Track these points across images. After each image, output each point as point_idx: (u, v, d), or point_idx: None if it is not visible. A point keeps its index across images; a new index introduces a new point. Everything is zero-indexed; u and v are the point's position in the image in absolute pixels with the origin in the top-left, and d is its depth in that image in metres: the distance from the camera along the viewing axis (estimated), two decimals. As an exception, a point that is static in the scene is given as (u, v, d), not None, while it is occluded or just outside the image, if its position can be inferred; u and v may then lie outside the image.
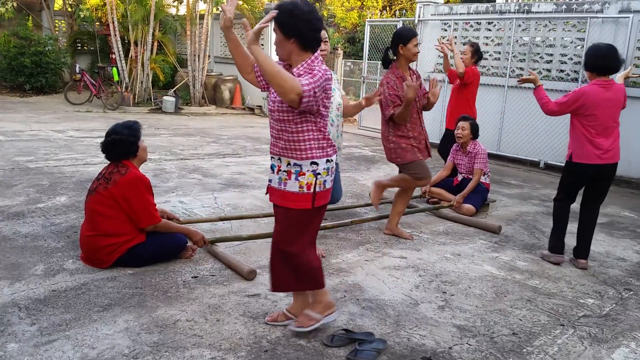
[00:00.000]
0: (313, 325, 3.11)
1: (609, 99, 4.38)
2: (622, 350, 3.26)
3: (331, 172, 3.03)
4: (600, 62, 4.41)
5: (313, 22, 2.87)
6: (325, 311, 3.16)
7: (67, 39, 17.42)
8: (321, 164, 2.95)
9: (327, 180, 3.01)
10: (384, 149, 4.96)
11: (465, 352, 3.09)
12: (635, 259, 4.93)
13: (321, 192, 2.98)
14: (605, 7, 8.43)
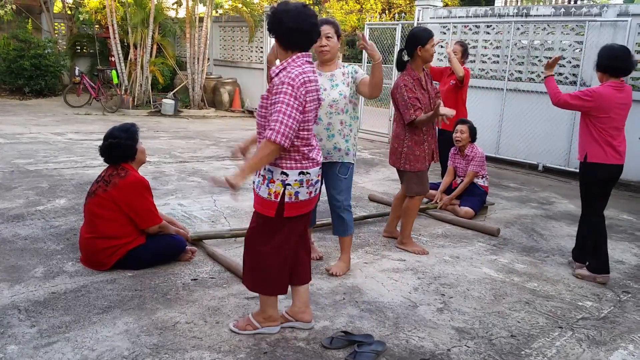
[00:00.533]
0: (249, 331, 3.16)
1: (622, 102, 4.31)
2: (620, 352, 3.27)
3: (307, 184, 3.00)
4: (613, 63, 4.30)
5: (292, 22, 2.89)
6: (266, 322, 3.18)
7: (67, 42, 17.44)
8: (292, 175, 2.94)
9: (301, 192, 2.98)
10: (392, 151, 4.74)
11: (464, 354, 3.11)
12: (634, 261, 4.95)
13: (292, 203, 2.97)
14: (603, 11, 8.46)
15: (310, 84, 2.92)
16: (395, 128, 4.72)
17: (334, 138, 3.99)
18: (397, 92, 4.53)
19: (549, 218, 6.26)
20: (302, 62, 2.95)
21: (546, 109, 8.83)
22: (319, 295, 3.75)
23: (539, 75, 9.15)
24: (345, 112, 4.00)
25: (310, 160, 3.01)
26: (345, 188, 4.12)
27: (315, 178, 3.07)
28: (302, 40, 2.96)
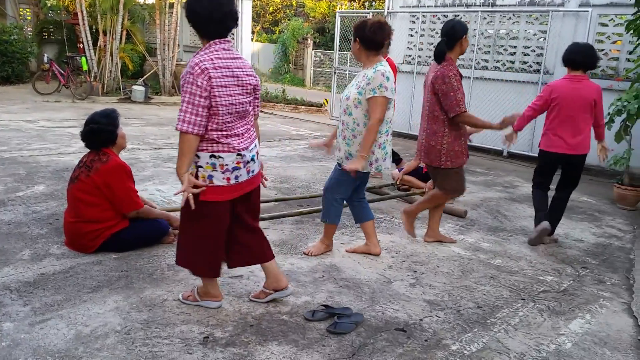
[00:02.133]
0: (190, 302, 3.38)
1: (576, 93, 4.68)
2: (578, 321, 3.55)
3: (221, 169, 3.00)
4: (572, 56, 4.76)
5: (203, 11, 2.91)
6: (205, 297, 3.37)
7: (33, 28, 17.16)
8: (202, 157, 2.99)
9: (216, 176, 3.01)
10: (427, 149, 4.48)
11: (435, 323, 3.35)
12: (592, 240, 5.27)
13: (206, 187, 3.01)
14: (566, 1, 8.79)
15: (217, 70, 2.88)
16: (431, 125, 4.42)
17: (338, 137, 4.09)
18: (444, 82, 4.24)
19: (513, 200, 6.58)
20: (216, 49, 2.95)
21: (511, 97, 9.18)
22: (300, 274, 3.96)
23: (504, 64, 9.47)
24: (349, 115, 3.94)
25: (225, 145, 2.99)
26: (335, 178, 4.17)
27: (233, 165, 3.02)
28: (215, 29, 2.97)
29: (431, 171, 4.64)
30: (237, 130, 3.05)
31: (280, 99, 15.32)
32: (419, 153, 4.65)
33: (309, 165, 7.82)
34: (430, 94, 4.38)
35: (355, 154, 3.93)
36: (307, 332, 3.14)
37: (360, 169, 3.89)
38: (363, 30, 3.91)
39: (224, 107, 2.93)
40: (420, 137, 4.58)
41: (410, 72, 10.64)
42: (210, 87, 2.87)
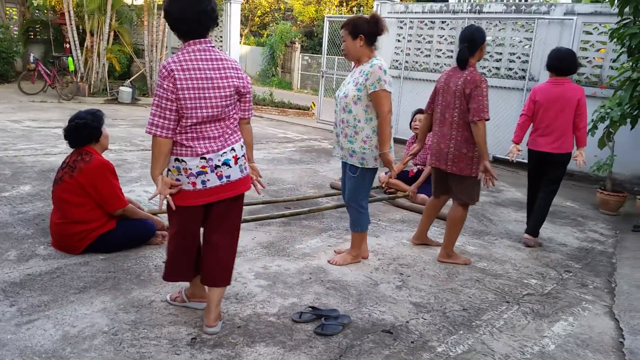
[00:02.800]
0: (178, 303, 3.39)
1: (558, 95, 4.99)
2: (561, 323, 3.61)
3: (185, 173, 2.91)
4: (554, 62, 5.06)
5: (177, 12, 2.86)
6: (193, 298, 3.37)
7: (20, 28, 17.03)
8: (170, 160, 2.94)
9: (182, 180, 2.93)
10: (457, 158, 4.30)
11: (421, 325, 3.39)
12: (575, 244, 5.35)
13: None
14: (551, 9, 8.92)
15: (184, 72, 2.80)
16: (462, 132, 4.25)
17: (339, 136, 4.10)
18: (477, 87, 4.16)
19: (498, 205, 6.66)
20: (189, 50, 2.88)
21: (496, 102, 9.27)
22: (287, 275, 3.98)
23: (490, 70, 9.57)
24: (348, 112, 3.96)
25: (187, 148, 2.89)
26: (351, 187, 4.14)
27: (197, 169, 2.90)
28: (190, 29, 2.89)
29: (457, 181, 4.40)
30: (208, 133, 2.92)
31: (268, 102, 15.33)
32: (438, 161, 4.43)
33: (297, 167, 7.85)
34: (460, 100, 4.24)
35: (359, 150, 3.98)
36: (294, 333, 3.16)
37: (395, 169, 4.05)
38: (367, 26, 3.93)
39: (189, 109, 2.83)
40: (442, 144, 4.37)
41: (397, 77, 10.71)
42: (175, 90, 2.79)
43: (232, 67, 2.99)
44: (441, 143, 4.38)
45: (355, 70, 4.07)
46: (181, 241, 3.14)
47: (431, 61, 10.37)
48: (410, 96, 10.47)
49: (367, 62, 3.97)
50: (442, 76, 4.49)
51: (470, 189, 4.41)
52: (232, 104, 3.00)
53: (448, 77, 4.39)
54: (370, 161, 4.01)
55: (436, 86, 4.50)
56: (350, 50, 4.00)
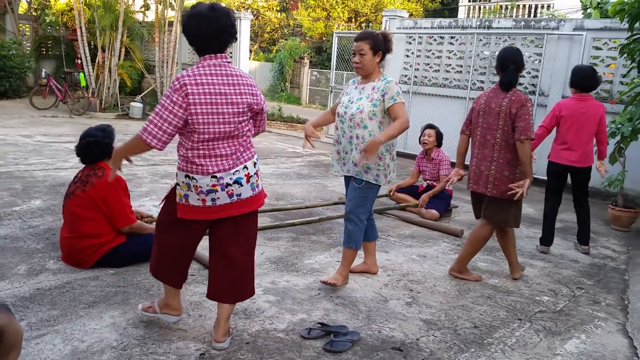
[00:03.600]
0: (150, 313, 3.27)
1: (582, 111, 5.23)
2: (573, 341, 3.56)
3: (195, 190, 2.90)
4: (580, 80, 5.28)
5: (195, 27, 2.87)
6: (165, 309, 3.25)
7: (32, 44, 17.25)
8: (179, 175, 2.96)
9: (191, 196, 2.93)
10: (498, 180, 4.20)
11: (432, 342, 3.35)
12: (587, 260, 5.29)
13: (182, 205, 2.97)
14: (561, 25, 8.92)
15: (198, 87, 2.80)
16: (504, 154, 4.19)
17: (352, 153, 3.96)
18: (523, 106, 4.13)
19: (509, 220, 6.60)
20: (205, 65, 2.88)
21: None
22: (296, 291, 3.95)
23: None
24: (363, 128, 3.87)
25: (196, 166, 2.87)
26: (355, 197, 4.01)
27: (207, 188, 2.89)
28: (208, 45, 2.90)
29: (495, 204, 4.28)
30: (220, 150, 2.89)
31: (277, 117, 15.39)
32: (476, 184, 4.35)
33: (305, 182, 7.84)
34: (504, 121, 4.18)
35: (374, 166, 3.93)
36: (303, 350, 3.14)
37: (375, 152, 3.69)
38: (386, 43, 3.96)
39: (201, 124, 2.81)
40: (482, 167, 4.29)
41: (406, 92, 10.72)
42: (186, 104, 2.77)
43: (247, 83, 2.97)
44: (481, 165, 4.30)
45: (363, 87, 4.02)
46: (177, 250, 3.15)
47: (440, 76, 10.39)
48: (419, 111, 10.47)
49: (379, 78, 3.97)
50: (480, 98, 4.41)
51: (507, 212, 4.28)
52: (245, 120, 2.96)
53: (489, 99, 4.31)
54: (382, 179, 3.99)
55: (474, 107, 4.42)
56: (368, 64, 3.93)
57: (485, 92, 4.42)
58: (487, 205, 4.36)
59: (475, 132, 4.40)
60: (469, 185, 4.45)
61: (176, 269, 3.21)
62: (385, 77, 3.98)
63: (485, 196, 4.33)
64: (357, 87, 4.08)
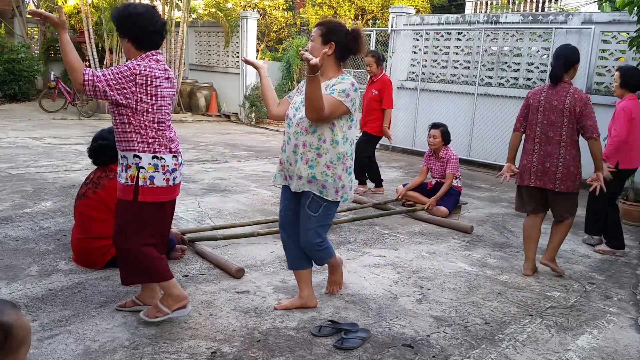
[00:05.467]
0: (159, 317, 3.23)
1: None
2: (585, 337, 3.54)
3: (163, 169, 3.13)
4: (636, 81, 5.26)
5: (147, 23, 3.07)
6: (175, 305, 3.24)
7: (40, 47, 17.36)
8: (145, 158, 3.09)
9: (157, 177, 3.11)
10: (565, 176, 4.33)
11: (442, 339, 3.35)
12: (598, 256, 5.26)
13: (146, 188, 3.09)
14: (569, 19, 8.86)
15: (148, 78, 3.03)
16: (570, 150, 4.31)
17: (297, 163, 3.33)
18: (586, 106, 4.24)
19: (519, 216, 6.55)
20: (150, 59, 3.10)
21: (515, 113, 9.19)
22: (306, 289, 3.96)
23: (508, 80, 9.52)
24: (312, 133, 3.29)
25: (164, 146, 3.14)
26: (311, 228, 3.41)
27: (172, 166, 3.17)
28: (156, 40, 3.14)
29: (562, 199, 4.44)
30: (169, 135, 3.21)
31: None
32: (541, 180, 4.41)
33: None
34: (569, 119, 4.28)
35: (320, 177, 3.30)
36: (314, 347, 3.14)
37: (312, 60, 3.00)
38: (343, 36, 3.32)
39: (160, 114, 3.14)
40: (548, 163, 4.37)
41: (414, 89, 10.70)
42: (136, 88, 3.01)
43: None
44: (546, 162, 4.37)
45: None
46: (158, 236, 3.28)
47: (448, 72, 10.35)
48: (427, 108, 10.44)
49: (336, 77, 3.33)
50: (535, 94, 4.46)
51: (573, 204, 4.49)
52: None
53: (548, 96, 4.36)
54: (331, 192, 3.32)
55: (529, 103, 4.47)
56: (314, 54, 3.15)
57: (540, 89, 4.47)
58: (553, 201, 4.50)
59: (533, 129, 4.46)
60: (528, 180, 4.50)
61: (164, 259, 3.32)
62: (344, 76, 3.35)
63: (549, 191, 4.44)
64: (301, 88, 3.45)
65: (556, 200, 4.47)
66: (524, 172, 4.51)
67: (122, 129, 3.10)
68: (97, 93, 2.94)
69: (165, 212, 3.31)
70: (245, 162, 9.03)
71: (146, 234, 3.20)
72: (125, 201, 3.15)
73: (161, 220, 3.30)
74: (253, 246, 4.81)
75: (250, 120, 14.66)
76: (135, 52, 3.13)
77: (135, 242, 3.16)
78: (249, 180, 7.58)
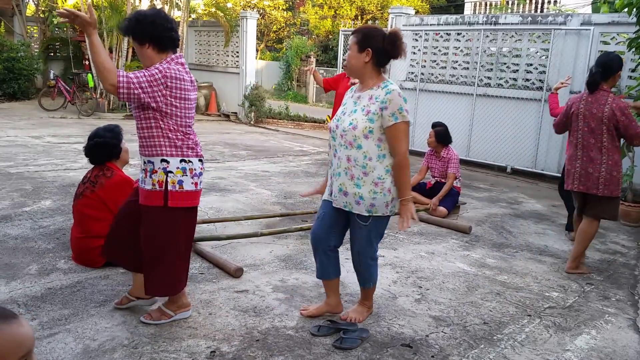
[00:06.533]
0: (165, 320, 3.30)
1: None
2: (583, 337, 3.55)
3: (191, 173, 3.10)
4: None
5: (167, 23, 3.04)
6: (178, 310, 3.35)
7: (40, 45, 17.34)
8: (173, 162, 3.05)
9: (185, 181, 3.08)
10: (609, 181, 4.48)
11: (441, 339, 3.36)
12: (597, 256, 5.27)
13: (175, 192, 3.05)
14: (568, 20, 8.87)
15: (177, 81, 3.00)
16: (612, 156, 4.48)
17: (340, 177, 3.24)
18: (623, 113, 4.37)
19: (517, 217, 6.59)
20: (177, 63, 3.07)
21: (514, 114, 9.22)
22: (305, 289, 3.97)
23: (507, 81, 9.53)
24: (357, 148, 3.15)
25: (191, 149, 3.12)
26: (363, 238, 3.32)
27: (199, 170, 3.16)
28: (176, 38, 3.12)
29: (605, 202, 4.57)
30: (194, 138, 3.20)
31: (284, 116, 15.41)
32: (584, 185, 4.57)
33: (313, 181, 7.85)
34: (608, 126, 4.43)
35: (368, 195, 3.16)
36: (313, 347, 3.15)
37: (415, 218, 3.25)
38: (380, 41, 3.17)
39: (185, 118, 3.11)
40: (590, 169, 4.52)
41: (413, 89, 10.71)
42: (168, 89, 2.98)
43: None
44: (589, 167, 4.54)
45: (360, 96, 3.25)
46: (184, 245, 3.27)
47: (447, 73, 10.36)
48: (426, 108, 10.46)
49: (378, 86, 3.20)
50: (575, 101, 4.62)
51: (615, 207, 4.65)
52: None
53: (587, 103, 4.52)
54: (381, 208, 3.20)
55: (571, 111, 4.63)
56: (353, 63, 3.21)
57: (579, 96, 4.63)
58: (594, 204, 4.63)
59: (574, 135, 4.64)
60: (571, 185, 4.70)
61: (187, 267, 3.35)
62: (387, 84, 3.19)
63: (591, 196, 4.60)
64: (353, 96, 3.32)
65: (598, 204, 4.60)
66: (569, 177, 4.72)
67: (149, 133, 3.03)
68: (130, 97, 2.87)
69: (195, 218, 3.28)
70: (244, 161, 9.04)
71: (181, 242, 3.19)
72: (154, 207, 3.07)
73: (192, 225, 3.28)
74: (252, 246, 4.82)
75: (249, 119, 14.67)
76: (157, 56, 3.05)
77: (171, 253, 3.16)
78: (248, 179, 7.59)
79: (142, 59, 3.08)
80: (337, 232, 3.41)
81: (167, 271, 3.19)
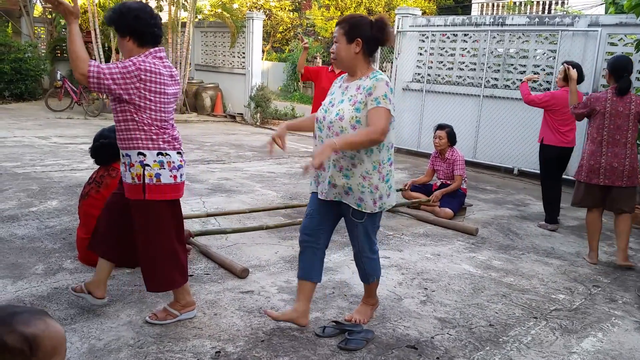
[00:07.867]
0: (170, 320, 3.30)
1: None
2: (590, 339, 3.53)
3: (169, 166, 3.10)
4: None
5: (149, 18, 3.05)
6: (183, 310, 3.34)
7: (47, 46, 17.43)
8: (149, 155, 3.06)
9: (162, 174, 3.08)
10: (632, 172, 4.87)
11: (446, 341, 3.34)
12: (604, 258, 5.24)
13: (153, 185, 3.07)
14: (575, 21, 8.83)
15: (152, 75, 2.99)
16: (634, 149, 4.90)
17: (328, 170, 3.14)
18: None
19: (524, 219, 6.57)
20: (154, 57, 3.07)
21: (521, 115, 9.18)
22: (310, 290, 3.96)
23: (514, 82, 9.50)
24: None
25: (168, 143, 3.11)
26: (360, 235, 3.25)
27: (178, 162, 3.15)
28: (157, 33, 3.12)
29: (627, 193, 4.92)
30: (172, 132, 3.18)
31: (290, 117, 15.41)
32: (609, 179, 4.86)
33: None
34: (633, 122, 4.83)
35: (357, 188, 3.10)
36: (317, 348, 3.15)
37: (323, 160, 2.89)
38: (368, 29, 3.07)
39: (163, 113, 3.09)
40: (615, 163, 4.83)
41: (419, 90, 10.69)
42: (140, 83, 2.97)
43: None
44: (614, 162, 4.85)
45: (348, 86, 3.15)
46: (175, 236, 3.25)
47: (454, 74, 10.34)
48: (433, 110, 10.43)
49: (367, 76, 3.10)
50: (599, 100, 4.90)
51: (633, 198, 4.99)
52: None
53: (614, 102, 4.85)
54: (369, 205, 3.12)
55: (598, 110, 4.89)
56: (342, 55, 3.11)
57: (603, 96, 4.92)
58: (617, 197, 4.93)
59: (600, 132, 4.90)
60: (596, 179, 4.91)
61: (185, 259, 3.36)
62: (375, 74, 3.10)
63: (615, 188, 4.90)
64: (341, 86, 3.24)
65: (620, 195, 4.91)
66: (592, 172, 4.92)
67: (125, 126, 3.05)
68: (100, 87, 2.89)
69: (180, 210, 3.29)
70: (250, 162, 9.05)
71: (172, 236, 3.20)
72: (138, 201, 3.12)
73: (179, 218, 3.28)
74: (257, 246, 4.82)
75: (255, 120, 14.68)
76: (137, 49, 3.07)
77: (164, 247, 3.17)
78: (253, 180, 7.59)
79: (122, 50, 3.13)
80: (325, 231, 3.35)
81: (163, 266, 3.20)
